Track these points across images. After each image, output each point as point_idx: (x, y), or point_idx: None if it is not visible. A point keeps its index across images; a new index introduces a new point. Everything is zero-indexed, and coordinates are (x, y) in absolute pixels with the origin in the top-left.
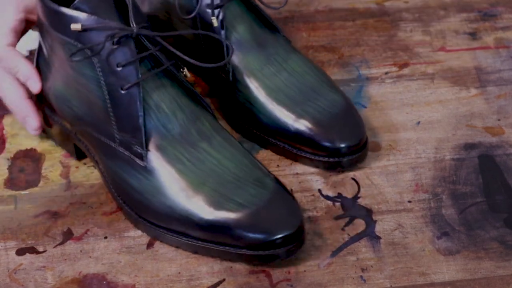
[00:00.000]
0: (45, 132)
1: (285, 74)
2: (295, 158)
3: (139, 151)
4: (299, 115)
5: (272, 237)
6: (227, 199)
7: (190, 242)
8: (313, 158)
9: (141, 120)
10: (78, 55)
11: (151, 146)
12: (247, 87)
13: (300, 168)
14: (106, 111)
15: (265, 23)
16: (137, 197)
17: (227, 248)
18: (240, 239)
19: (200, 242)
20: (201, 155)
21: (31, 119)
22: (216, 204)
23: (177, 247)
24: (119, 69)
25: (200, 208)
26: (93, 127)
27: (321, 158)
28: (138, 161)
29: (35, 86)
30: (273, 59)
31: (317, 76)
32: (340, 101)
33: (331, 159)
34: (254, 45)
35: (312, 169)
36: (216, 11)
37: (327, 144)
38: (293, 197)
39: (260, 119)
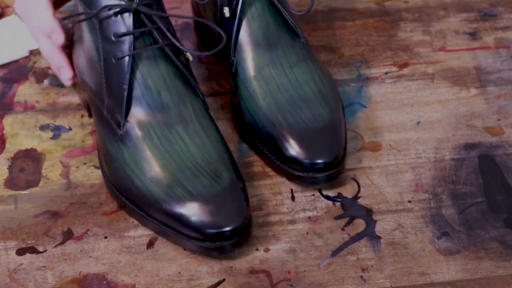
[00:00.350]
0: (75, 86)
1: (284, 79)
2: (277, 170)
3: (119, 119)
4: (278, 123)
5: (212, 230)
6: (179, 184)
7: (151, 222)
8: (290, 171)
9: (125, 91)
10: (83, 17)
11: (130, 117)
12: (244, 83)
13: None
14: (100, 76)
15: (286, 26)
16: (111, 164)
17: (182, 236)
18: (187, 227)
19: (160, 224)
20: (172, 136)
21: (65, 70)
22: (169, 188)
23: (144, 225)
24: (115, 39)
25: (155, 188)
26: (92, 91)
27: (295, 172)
28: (116, 128)
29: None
30: (279, 62)
31: (317, 88)
32: (325, 117)
33: (305, 174)
34: (263, 44)
35: None
36: (233, 2)
37: (299, 157)
38: (246, 198)
39: (246, 118)
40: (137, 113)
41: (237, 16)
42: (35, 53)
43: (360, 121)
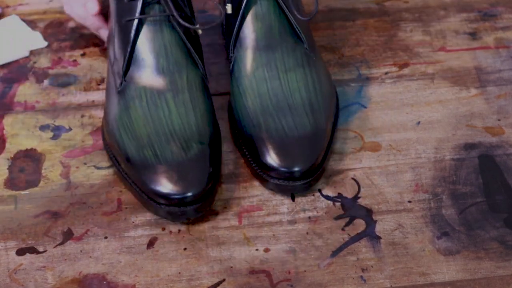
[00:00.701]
0: None
1: (275, 83)
2: (253, 172)
3: (119, 77)
4: (258, 126)
5: (173, 195)
6: (150, 146)
7: (122, 175)
8: (267, 179)
9: (127, 52)
10: None
11: (128, 77)
12: (237, 81)
13: None
14: (112, 34)
15: (291, 29)
16: (106, 117)
17: (150, 200)
18: (152, 191)
19: (133, 185)
20: (160, 102)
21: (105, 30)
22: (140, 148)
23: (124, 185)
24: (126, 1)
25: (130, 146)
26: (107, 48)
27: (271, 180)
28: (116, 84)
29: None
30: (274, 65)
31: (307, 97)
32: (307, 126)
33: (275, 181)
34: (262, 45)
35: None
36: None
37: (270, 163)
38: (215, 173)
39: (234, 116)
40: (135, 74)
41: (240, 14)
42: (35, 53)
43: (360, 121)
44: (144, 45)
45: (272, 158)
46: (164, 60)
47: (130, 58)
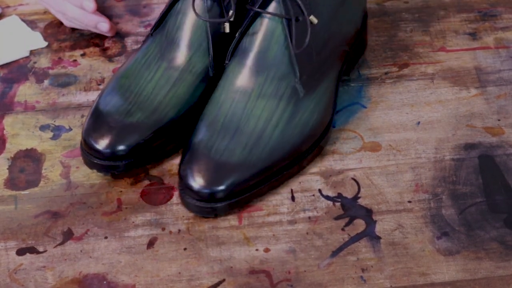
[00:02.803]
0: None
1: (240, 105)
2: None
3: (150, 31)
4: (195, 136)
5: (105, 148)
6: (112, 97)
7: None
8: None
9: (162, 14)
10: None
11: (154, 34)
12: (216, 87)
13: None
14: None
15: (289, 59)
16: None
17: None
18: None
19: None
20: (153, 66)
21: (102, 23)
22: (104, 92)
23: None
24: None
25: (116, 106)
26: None
27: (193, 202)
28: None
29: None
30: (252, 88)
31: (262, 128)
32: (237, 156)
33: (202, 204)
34: (251, 64)
35: (312, 169)
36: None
37: (180, 170)
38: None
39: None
40: (156, 35)
41: (244, 25)
42: (35, 53)
43: (360, 121)
44: (176, 15)
45: (182, 166)
46: (180, 36)
47: (162, 19)
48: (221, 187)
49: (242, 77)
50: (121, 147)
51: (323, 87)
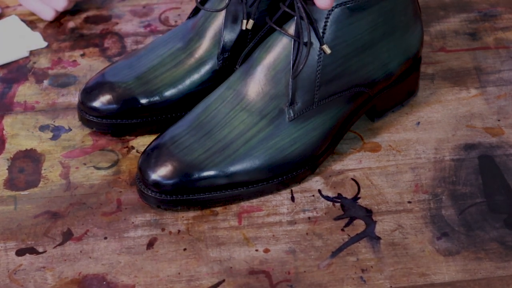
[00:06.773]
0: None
1: (225, 110)
2: None
3: (189, 15)
4: (171, 130)
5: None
6: (125, 75)
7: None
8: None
9: (201, 11)
10: None
11: (190, 18)
12: (217, 87)
13: None
14: None
15: (286, 82)
16: None
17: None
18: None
19: None
20: (167, 47)
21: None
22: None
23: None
24: None
25: (119, 75)
26: None
27: (140, 185)
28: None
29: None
30: (241, 98)
31: (230, 139)
32: (192, 155)
33: (148, 192)
34: (249, 77)
35: None
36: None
37: (140, 158)
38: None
39: None
40: (190, 20)
41: (259, 36)
42: (35, 53)
43: (360, 121)
44: (210, 14)
45: (147, 147)
46: (196, 35)
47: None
48: (168, 181)
49: (240, 85)
50: (113, 106)
51: (317, 120)
